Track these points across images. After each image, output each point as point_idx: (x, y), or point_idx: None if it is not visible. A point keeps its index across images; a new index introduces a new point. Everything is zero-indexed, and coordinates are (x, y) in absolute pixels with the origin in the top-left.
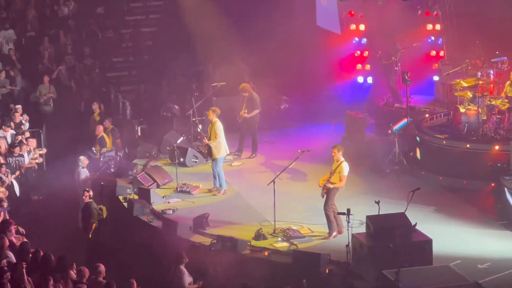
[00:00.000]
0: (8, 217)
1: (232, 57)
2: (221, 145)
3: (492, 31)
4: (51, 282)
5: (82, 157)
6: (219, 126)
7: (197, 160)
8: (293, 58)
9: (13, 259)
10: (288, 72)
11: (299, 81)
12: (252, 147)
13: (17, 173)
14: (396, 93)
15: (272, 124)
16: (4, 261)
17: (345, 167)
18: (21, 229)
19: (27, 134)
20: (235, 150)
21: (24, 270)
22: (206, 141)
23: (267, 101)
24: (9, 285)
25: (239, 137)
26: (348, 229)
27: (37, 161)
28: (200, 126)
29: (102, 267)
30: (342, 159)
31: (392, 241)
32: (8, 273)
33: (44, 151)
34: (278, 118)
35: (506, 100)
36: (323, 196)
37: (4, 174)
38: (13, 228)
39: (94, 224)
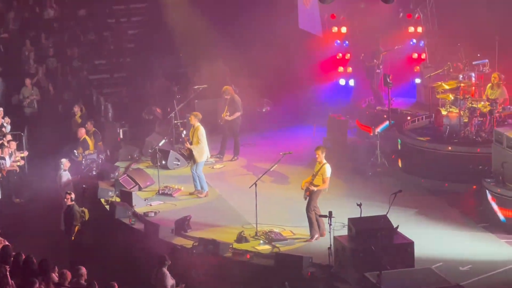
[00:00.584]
0: None
1: (215, 60)
2: (203, 150)
3: (474, 34)
4: (37, 285)
5: (64, 160)
6: (201, 131)
7: (179, 163)
8: (275, 61)
9: None
10: (270, 75)
11: (281, 83)
12: (234, 150)
13: None
14: (378, 95)
15: (254, 127)
16: None
17: (328, 169)
18: None
19: (9, 137)
20: (217, 153)
21: (7, 273)
22: (188, 145)
23: (249, 104)
24: None
25: (221, 140)
26: (330, 232)
27: (18, 163)
28: (184, 131)
29: (84, 270)
30: (325, 161)
31: (374, 244)
32: None
33: (25, 153)
34: (260, 120)
35: (488, 103)
36: (306, 199)
37: None
38: None
39: (76, 227)
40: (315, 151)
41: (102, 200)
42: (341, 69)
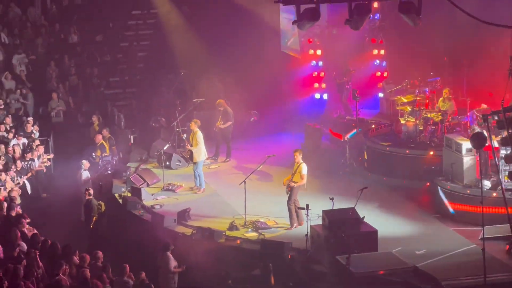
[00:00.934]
0: (20, 212)
1: (210, 77)
2: (201, 151)
3: (428, 56)
4: (64, 267)
5: (84, 161)
6: (199, 135)
7: (180, 164)
8: (261, 78)
9: (25, 248)
10: (257, 90)
11: (266, 97)
12: (227, 153)
13: (29, 174)
14: (347, 107)
15: (243, 134)
16: (17, 249)
17: (304, 167)
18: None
19: (37, 142)
20: (212, 155)
21: (37, 256)
22: (189, 147)
23: (239, 114)
24: (22, 269)
25: (216, 144)
26: (307, 222)
27: (45, 164)
28: (184, 135)
29: (100, 254)
30: (302, 161)
31: (344, 232)
32: (24, 260)
33: (51, 156)
34: (248, 128)
35: (439, 113)
36: (287, 193)
37: (16, 175)
38: (24, 221)
39: (94, 217)
40: (294, 152)
41: (116, 195)
42: (316, 85)
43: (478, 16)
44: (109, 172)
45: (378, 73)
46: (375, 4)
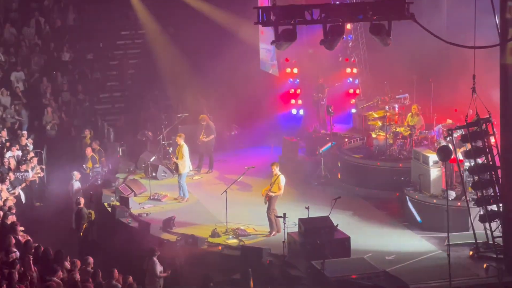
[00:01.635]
0: (15, 220)
1: (194, 93)
2: (185, 163)
3: (397, 74)
4: (59, 273)
5: (75, 172)
6: (185, 149)
7: (166, 175)
8: (242, 95)
9: (18, 254)
10: (237, 105)
11: (246, 112)
12: (209, 165)
13: (23, 184)
14: (322, 122)
15: (224, 146)
16: (13, 255)
17: (282, 179)
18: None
19: (31, 154)
20: (195, 167)
21: (30, 261)
22: (174, 159)
23: (221, 128)
24: (17, 274)
25: (199, 157)
26: (284, 229)
27: (39, 175)
28: (170, 148)
29: (91, 259)
30: (279, 173)
31: (318, 239)
32: (18, 265)
33: (44, 167)
34: (229, 141)
35: (408, 128)
36: (266, 203)
37: (10, 185)
38: (18, 228)
39: (84, 225)
40: (271, 166)
41: (105, 204)
42: (293, 101)
43: (444, 37)
44: (99, 183)
45: (351, 90)
46: (348, 26)
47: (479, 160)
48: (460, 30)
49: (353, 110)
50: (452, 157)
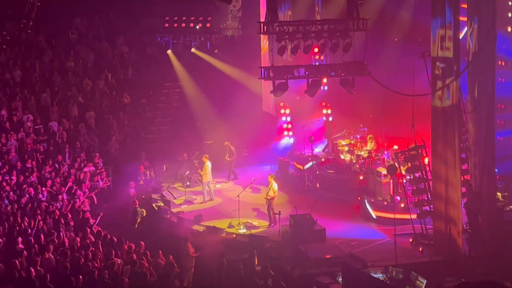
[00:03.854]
0: (89, 216)
1: (216, 127)
2: (208, 175)
3: (359, 114)
4: (126, 244)
5: (132, 182)
6: (208, 165)
7: (196, 184)
8: (250, 128)
9: (92, 240)
10: (247, 136)
11: (253, 141)
12: (232, 176)
13: (96, 191)
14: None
15: (238, 164)
16: (87, 241)
17: (275, 185)
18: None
19: (102, 170)
20: (225, 179)
21: (100, 246)
22: (200, 172)
23: (237, 152)
24: (90, 254)
25: (228, 172)
26: (279, 222)
27: (107, 184)
28: (199, 169)
29: (142, 244)
30: (273, 181)
31: (303, 229)
32: (92, 247)
33: (109, 179)
34: (242, 161)
35: (366, 152)
36: (266, 203)
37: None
38: (91, 221)
39: (138, 220)
40: (269, 177)
41: (153, 205)
42: (286, 133)
43: (390, 87)
44: (149, 189)
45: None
46: (325, 80)
47: (417, 175)
48: (403, 81)
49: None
50: (397, 172)
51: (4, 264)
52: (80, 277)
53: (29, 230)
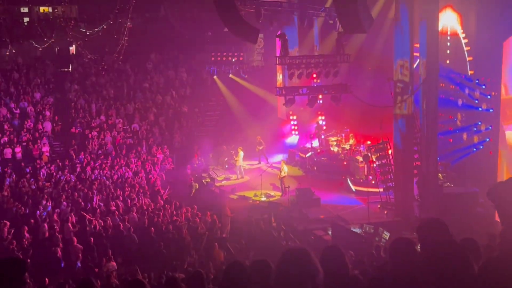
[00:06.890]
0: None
1: (246, 129)
2: (240, 161)
3: (345, 119)
4: (184, 209)
5: (188, 165)
6: (241, 154)
7: (232, 167)
8: (270, 129)
9: (162, 203)
10: (267, 135)
11: (271, 137)
12: (266, 159)
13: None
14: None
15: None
16: (158, 204)
17: (285, 168)
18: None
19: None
20: (258, 162)
21: (167, 208)
22: (235, 158)
23: (259, 145)
24: (161, 214)
25: (258, 158)
26: (288, 193)
27: (172, 167)
28: (235, 156)
29: (195, 207)
30: (284, 164)
31: (305, 198)
32: (163, 210)
33: (173, 163)
34: (262, 152)
35: (349, 145)
36: (279, 180)
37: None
38: (162, 192)
39: (193, 191)
40: (281, 162)
41: (203, 181)
42: (293, 133)
43: (366, 101)
44: (200, 171)
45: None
46: (320, 96)
47: (383, 161)
48: (381, 95)
49: (322, 136)
50: (370, 159)
51: (103, 221)
52: (152, 229)
53: (120, 197)
